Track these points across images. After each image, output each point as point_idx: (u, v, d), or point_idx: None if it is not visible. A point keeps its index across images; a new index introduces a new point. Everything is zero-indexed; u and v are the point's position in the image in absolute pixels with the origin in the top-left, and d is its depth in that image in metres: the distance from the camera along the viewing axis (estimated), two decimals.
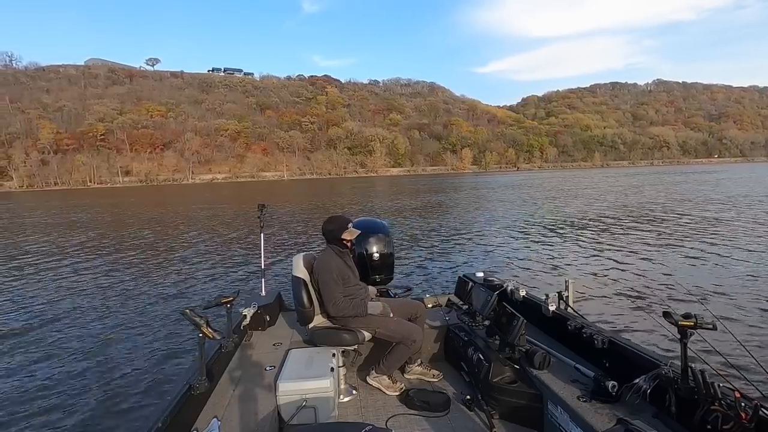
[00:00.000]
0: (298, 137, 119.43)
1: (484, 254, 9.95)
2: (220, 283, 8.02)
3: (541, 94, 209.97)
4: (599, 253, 9.51)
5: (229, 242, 12.74)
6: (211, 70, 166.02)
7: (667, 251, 9.35)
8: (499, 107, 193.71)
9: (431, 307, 3.44)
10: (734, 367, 1.72)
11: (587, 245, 10.43)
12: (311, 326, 2.82)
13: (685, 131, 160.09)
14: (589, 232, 12.45)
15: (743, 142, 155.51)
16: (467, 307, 3.08)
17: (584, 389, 2.06)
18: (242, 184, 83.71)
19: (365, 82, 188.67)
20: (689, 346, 1.66)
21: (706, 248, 9.46)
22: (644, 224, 13.52)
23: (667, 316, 1.65)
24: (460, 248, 10.67)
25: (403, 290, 3.60)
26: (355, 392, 2.74)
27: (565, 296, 2.70)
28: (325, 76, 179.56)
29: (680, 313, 1.64)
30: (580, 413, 1.90)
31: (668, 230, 12.15)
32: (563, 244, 10.79)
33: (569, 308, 2.67)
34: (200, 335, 1.96)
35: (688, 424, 1.63)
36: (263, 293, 3.57)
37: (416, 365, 2.97)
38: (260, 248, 4.01)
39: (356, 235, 2.86)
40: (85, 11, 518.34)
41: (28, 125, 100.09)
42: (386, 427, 2.32)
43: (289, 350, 2.71)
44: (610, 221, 14.49)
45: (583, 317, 2.56)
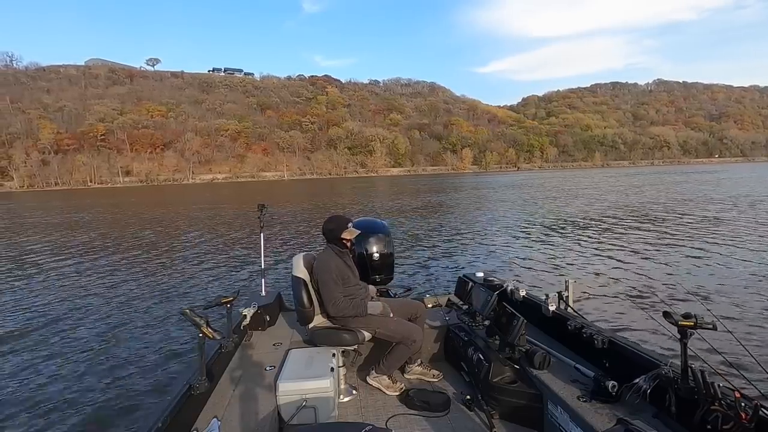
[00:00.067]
0: (298, 137, 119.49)
1: (484, 254, 9.94)
2: (220, 283, 8.02)
3: (541, 93, 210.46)
4: (599, 253, 9.50)
5: (229, 242, 12.75)
6: (211, 70, 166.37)
7: (667, 251, 9.34)
8: (499, 107, 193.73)
9: (431, 307, 3.44)
10: (734, 367, 1.72)
11: (587, 245, 10.42)
12: (311, 326, 2.83)
13: (685, 131, 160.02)
14: (589, 232, 12.44)
15: (744, 141, 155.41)
16: (467, 307, 3.08)
17: (584, 389, 2.06)
18: (242, 184, 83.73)
19: (365, 82, 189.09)
20: (689, 346, 1.66)
21: (706, 248, 9.45)
22: (644, 224, 13.51)
23: (667, 316, 1.65)
24: (460, 248, 10.67)
25: (403, 290, 3.60)
26: (355, 392, 2.74)
27: (565, 296, 2.70)
28: (325, 76, 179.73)
29: (680, 313, 1.64)
30: (580, 413, 1.90)
31: (668, 230, 12.14)
32: (563, 244, 10.78)
33: (569, 308, 2.67)
34: (200, 335, 1.96)
35: (688, 424, 1.63)
36: (263, 293, 3.57)
37: (416, 365, 2.97)
38: (260, 248, 4.01)
39: (356, 234, 2.86)
40: (85, 11, 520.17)
41: (28, 125, 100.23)
42: (386, 427, 2.32)
43: (289, 350, 2.71)
44: (610, 221, 14.48)
45: (583, 317, 2.56)
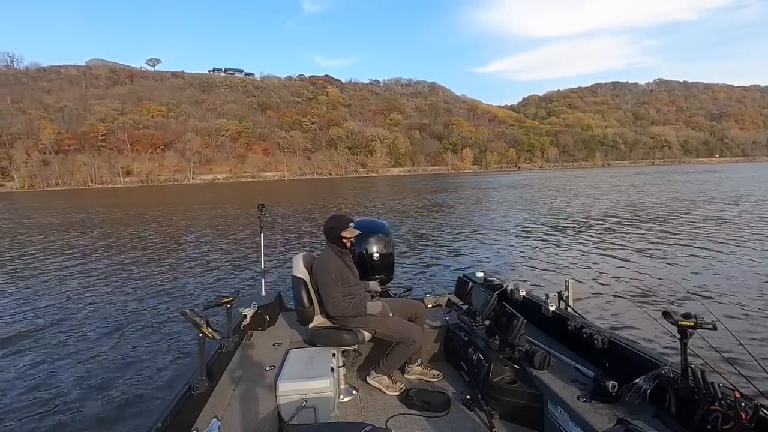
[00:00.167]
0: (298, 137, 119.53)
1: (484, 254, 9.94)
2: (220, 283, 8.03)
3: (541, 93, 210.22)
4: (599, 252, 9.50)
5: (229, 242, 12.76)
6: (211, 70, 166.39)
7: (667, 251, 9.33)
8: (499, 107, 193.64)
9: (431, 307, 3.44)
10: (734, 367, 1.71)
11: (587, 245, 10.41)
12: (311, 326, 2.83)
13: (686, 131, 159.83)
14: (589, 231, 12.43)
15: (745, 141, 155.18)
16: (467, 307, 3.07)
17: (584, 389, 2.06)
18: (243, 184, 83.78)
19: (366, 82, 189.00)
20: (689, 346, 1.66)
21: (706, 248, 9.44)
22: (645, 224, 13.50)
23: (667, 316, 1.65)
24: (460, 248, 10.67)
25: (403, 290, 3.59)
26: (355, 392, 2.74)
27: (565, 296, 2.69)
28: (325, 76, 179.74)
29: (680, 313, 1.64)
30: (580, 413, 1.89)
31: (668, 230, 12.13)
32: (563, 243, 10.78)
33: (569, 308, 2.67)
34: (200, 335, 1.96)
35: (688, 424, 1.62)
36: (263, 293, 3.57)
37: (416, 365, 2.97)
38: (260, 248, 4.01)
39: (356, 234, 2.87)
40: (85, 12, 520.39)
41: (29, 126, 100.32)
42: (386, 427, 2.32)
43: (289, 350, 2.71)
44: (610, 221, 14.47)
45: (583, 317, 2.56)
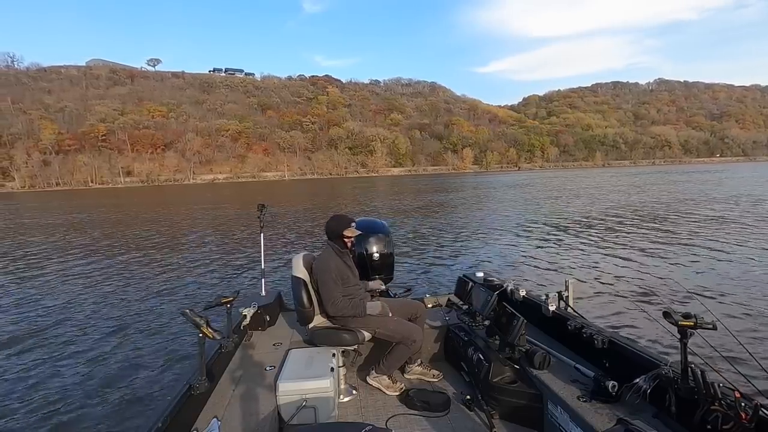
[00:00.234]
0: (299, 137, 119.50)
1: (484, 254, 9.93)
2: (220, 283, 8.03)
3: (542, 93, 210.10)
4: (599, 252, 9.49)
5: (229, 242, 12.76)
6: (212, 70, 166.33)
7: (667, 251, 9.33)
8: (500, 107, 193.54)
9: (431, 307, 3.45)
10: (734, 367, 1.71)
11: (587, 245, 10.41)
12: (311, 326, 2.83)
13: (686, 130, 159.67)
14: (589, 231, 12.43)
15: (745, 141, 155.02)
16: (467, 307, 3.08)
17: (584, 389, 2.06)
18: (243, 184, 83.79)
19: (366, 82, 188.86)
20: (689, 346, 1.66)
21: (706, 248, 9.43)
22: (645, 224, 13.49)
23: (667, 316, 1.65)
24: (460, 248, 10.66)
25: (403, 290, 3.60)
26: (355, 392, 2.74)
27: (565, 296, 2.70)
28: (326, 76, 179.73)
29: (680, 313, 1.64)
30: (580, 413, 1.90)
31: (669, 230, 12.12)
32: (563, 243, 10.77)
33: (569, 308, 2.67)
34: (200, 335, 1.97)
35: (688, 424, 1.63)
36: (263, 293, 3.58)
37: (416, 365, 2.97)
38: (260, 248, 4.01)
39: (357, 234, 2.89)
40: (86, 12, 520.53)
41: (29, 126, 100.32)
42: (386, 427, 2.32)
43: (289, 350, 2.71)
44: (610, 221, 14.46)
45: (583, 317, 2.56)
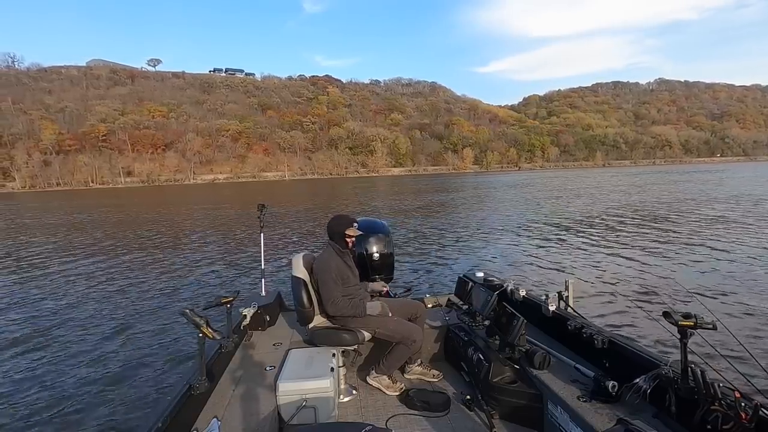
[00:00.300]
0: (299, 137, 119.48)
1: (484, 254, 9.93)
2: (220, 283, 8.03)
3: (542, 93, 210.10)
4: (599, 252, 9.48)
5: (229, 242, 12.76)
6: (212, 70, 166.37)
7: (667, 251, 9.32)
8: (500, 107, 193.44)
9: (431, 307, 3.45)
10: (734, 367, 1.71)
11: (588, 245, 10.40)
12: (311, 326, 2.83)
13: (687, 130, 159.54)
14: (589, 231, 12.42)
15: (746, 141, 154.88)
16: (467, 307, 3.08)
17: (584, 389, 2.06)
18: (243, 184, 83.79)
19: (366, 82, 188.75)
20: (689, 346, 1.66)
21: (706, 248, 9.43)
22: (645, 224, 13.49)
23: (667, 316, 1.65)
24: (460, 248, 10.66)
25: (403, 290, 3.60)
26: (355, 392, 2.74)
27: (565, 296, 2.70)
28: (326, 76, 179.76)
29: (680, 313, 1.64)
30: (580, 413, 1.89)
31: (669, 229, 12.12)
32: (564, 243, 10.77)
33: (569, 308, 2.67)
34: (200, 335, 1.97)
35: (688, 424, 1.62)
36: (263, 293, 3.58)
37: (416, 365, 2.97)
38: (260, 248, 4.02)
39: (359, 234, 2.90)
40: (86, 12, 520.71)
41: (30, 126, 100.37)
42: (386, 427, 2.32)
43: (289, 350, 2.72)
44: (611, 221, 14.45)
45: (583, 317, 2.56)
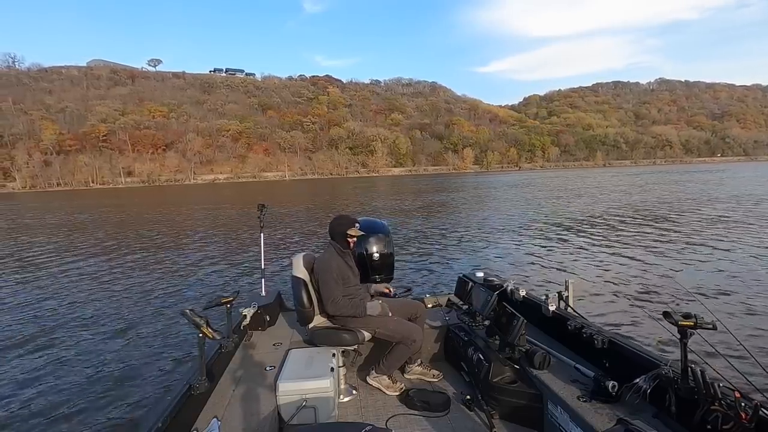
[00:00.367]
0: (299, 137, 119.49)
1: (484, 254, 9.93)
2: (220, 283, 8.03)
3: (542, 93, 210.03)
4: (599, 252, 9.48)
5: (229, 242, 12.77)
6: (212, 70, 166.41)
7: (667, 251, 9.31)
8: (500, 107, 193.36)
9: (431, 307, 3.44)
10: (734, 367, 1.71)
11: (588, 245, 10.40)
12: (311, 326, 2.83)
13: (687, 130, 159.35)
14: (589, 231, 12.42)
15: (746, 141, 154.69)
16: (467, 307, 3.08)
17: (584, 389, 2.06)
18: (244, 184, 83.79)
19: (367, 82, 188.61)
20: (689, 346, 1.66)
21: (706, 248, 9.42)
22: (645, 223, 13.48)
23: (667, 316, 1.65)
24: (460, 248, 10.66)
25: (403, 290, 3.59)
26: (355, 392, 2.75)
27: (565, 296, 2.70)
28: (326, 76, 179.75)
29: (680, 313, 1.64)
30: (580, 413, 1.89)
31: (669, 229, 12.11)
32: (564, 243, 10.76)
33: (569, 308, 2.67)
34: (200, 335, 1.97)
35: (688, 424, 1.62)
36: (263, 293, 3.58)
37: (416, 365, 2.97)
38: (260, 248, 4.01)
39: (360, 234, 2.90)
40: (86, 12, 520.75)
41: (30, 126, 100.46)
42: (386, 427, 2.32)
43: (289, 350, 2.72)
44: (611, 221, 14.45)
45: (583, 317, 2.56)
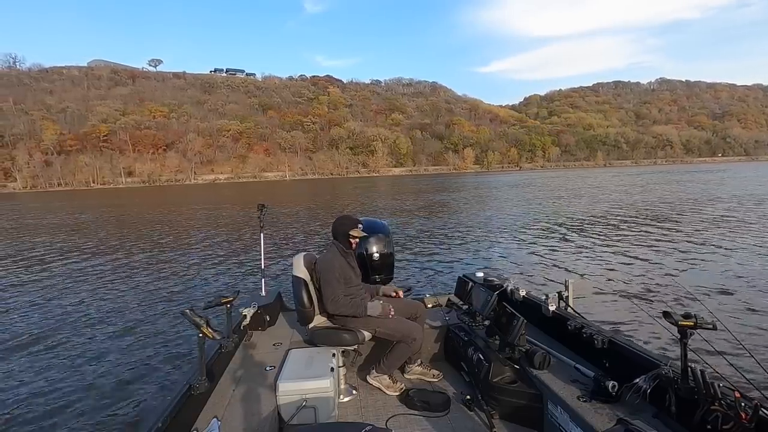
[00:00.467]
0: (300, 137, 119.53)
1: (484, 254, 9.93)
2: (220, 283, 8.04)
3: (543, 93, 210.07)
4: (599, 252, 9.48)
5: (229, 242, 12.78)
6: (213, 70, 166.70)
7: (667, 251, 9.30)
8: (501, 107, 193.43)
9: (431, 307, 3.44)
10: (734, 367, 1.71)
11: (588, 245, 10.39)
12: (311, 326, 2.83)
13: (688, 130, 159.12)
14: (589, 231, 12.41)
15: (747, 140, 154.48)
16: (467, 307, 3.08)
17: (584, 389, 2.06)
18: (244, 184, 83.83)
19: (367, 82, 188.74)
20: (689, 346, 1.66)
21: (707, 247, 9.42)
22: (646, 224, 13.47)
23: (667, 316, 1.65)
24: (460, 248, 10.66)
25: (403, 290, 3.59)
26: (355, 392, 2.75)
27: (565, 296, 2.70)
28: (327, 76, 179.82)
29: (680, 313, 1.64)
30: (580, 413, 1.89)
31: (669, 229, 12.10)
32: (564, 243, 10.76)
33: (569, 308, 2.67)
34: (200, 335, 1.97)
35: (688, 424, 1.62)
36: (263, 293, 3.58)
37: (416, 365, 2.97)
38: (260, 248, 4.02)
39: (363, 235, 2.91)
40: (87, 12, 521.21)
41: (31, 126, 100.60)
42: (386, 427, 2.32)
43: (289, 350, 2.72)
44: (611, 221, 14.44)
45: (583, 317, 2.56)
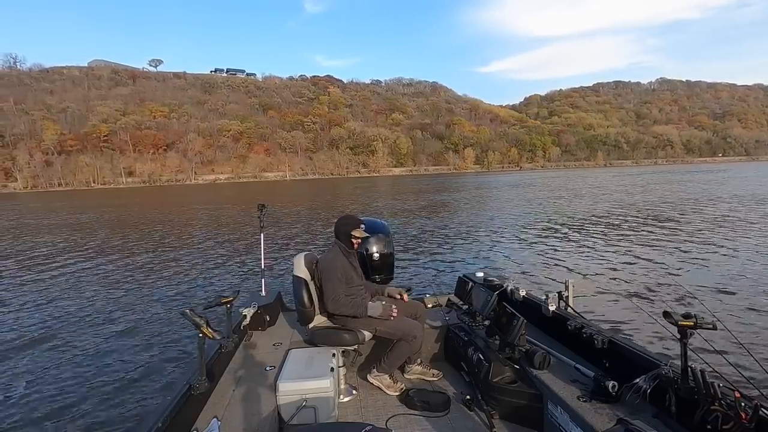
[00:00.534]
0: (300, 137, 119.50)
1: (484, 254, 9.93)
2: (220, 283, 8.04)
3: (543, 93, 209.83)
4: (600, 252, 9.47)
5: (229, 242, 12.78)
6: (213, 70, 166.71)
7: (667, 251, 9.30)
8: (501, 107, 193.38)
9: (431, 307, 3.44)
10: (734, 367, 1.71)
11: (588, 245, 10.39)
12: (311, 326, 2.83)
13: (689, 130, 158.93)
14: (590, 231, 12.40)
15: (748, 140, 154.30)
16: (467, 307, 3.08)
17: (584, 389, 2.06)
18: (244, 184, 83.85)
19: (367, 82, 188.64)
20: (689, 345, 1.66)
21: (707, 247, 9.41)
22: (646, 223, 13.46)
23: (667, 316, 1.65)
24: (460, 248, 10.65)
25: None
26: (355, 392, 2.75)
27: (565, 296, 2.70)
28: (327, 76, 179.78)
29: (680, 313, 1.64)
30: (580, 413, 1.89)
31: (669, 229, 12.09)
32: (564, 243, 10.76)
33: (569, 308, 2.67)
34: (200, 335, 1.97)
35: (688, 424, 1.62)
36: (263, 293, 3.58)
37: (416, 365, 2.98)
38: (260, 248, 4.02)
39: (365, 236, 2.91)
40: (87, 12, 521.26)
41: (32, 126, 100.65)
42: (386, 427, 2.32)
43: (289, 350, 2.72)
44: (611, 221, 14.44)
45: (583, 317, 2.56)
